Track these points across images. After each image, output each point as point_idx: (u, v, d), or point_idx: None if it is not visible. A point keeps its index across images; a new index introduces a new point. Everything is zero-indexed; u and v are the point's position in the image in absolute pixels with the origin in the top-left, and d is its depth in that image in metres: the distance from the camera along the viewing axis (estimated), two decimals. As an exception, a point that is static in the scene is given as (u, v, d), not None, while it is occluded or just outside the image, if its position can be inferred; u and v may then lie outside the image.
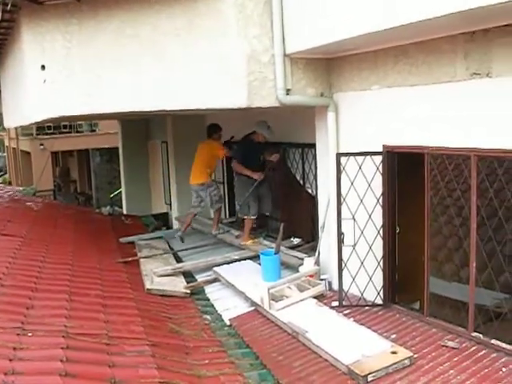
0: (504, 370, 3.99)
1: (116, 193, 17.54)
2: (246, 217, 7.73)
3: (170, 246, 8.80)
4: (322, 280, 5.93)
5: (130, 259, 7.53)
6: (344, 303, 5.51)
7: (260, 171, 7.50)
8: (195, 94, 5.66)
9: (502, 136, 4.11)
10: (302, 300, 5.57)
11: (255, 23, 5.49)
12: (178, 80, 5.65)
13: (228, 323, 5.49)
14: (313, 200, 6.98)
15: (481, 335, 4.48)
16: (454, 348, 4.40)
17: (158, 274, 6.76)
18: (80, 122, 23.83)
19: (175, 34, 5.61)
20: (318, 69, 5.83)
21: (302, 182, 7.64)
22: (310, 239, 7.32)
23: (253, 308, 5.73)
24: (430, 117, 4.74)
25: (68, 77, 5.75)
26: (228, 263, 7.09)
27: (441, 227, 5.12)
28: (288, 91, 5.62)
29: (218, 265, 7.04)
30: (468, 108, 4.38)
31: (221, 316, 5.68)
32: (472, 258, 4.46)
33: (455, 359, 4.22)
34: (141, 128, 13.27)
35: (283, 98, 5.57)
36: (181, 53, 5.65)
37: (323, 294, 5.80)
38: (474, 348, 4.38)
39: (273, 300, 5.47)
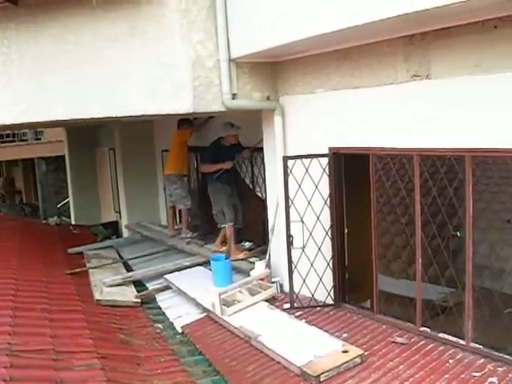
0: (451, 361, 4.11)
1: (63, 202, 17.14)
2: (223, 225, 7.41)
3: (119, 254, 8.66)
4: (273, 283, 5.95)
5: (78, 270, 7.37)
6: (295, 305, 5.54)
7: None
8: (140, 100, 5.57)
9: (442, 135, 4.22)
10: (253, 304, 5.57)
11: (199, 28, 5.47)
12: (121, 86, 5.56)
13: (180, 331, 5.43)
14: (263, 204, 7.00)
15: (428, 330, 4.60)
16: (403, 343, 4.49)
17: (108, 284, 6.63)
18: (24, 130, 23.10)
19: (118, 39, 5.52)
20: (263, 73, 5.85)
21: (251, 185, 7.65)
22: (261, 243, 7.31)
23: (205, 314, 5.69)
24: (373, 118, 4.82)
25: (7, 84, 5.60)
26: (179, 270, 7.03)
27: (389, 226, 5.23)
28: (234, 96, 5.61)
29: (169, 272, 6.97)
30: (410, 109, 4.47)
31: (173, 324, 5.61)
32: (417, 254, 4.58)
33: (404, 354, 4.31)
34: (88, 135, 12.98)
35: (229, 103, 5.57)
36: (124, 58, 5.56)
37: (275, 297, 5.82)
38: (422, 342, 4.48)
39: (224, 305, 5.45)
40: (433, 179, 4.49)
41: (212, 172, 7.39)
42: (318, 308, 5.48)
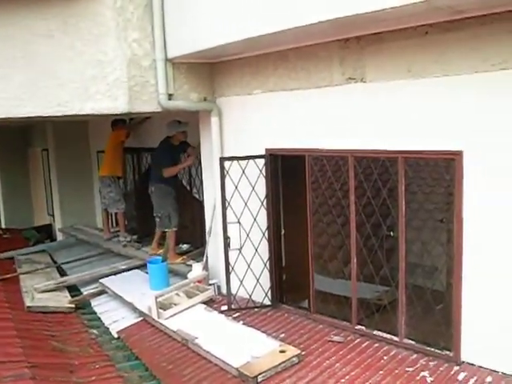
0: (385, 358, 4.23)
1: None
2: (167, 229, 7.16)
3: (53, 259, 8.37)
4: (210, 285, 5.91)
5: (8, 276, 7.08)
6: (233, 307, 5.53)
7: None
8: (73, 99, 5.38)
9: (376, 137, 4.32)
10: (191, 307, 5.51)
11: (135, 27, 5.38)
12: (54, 84, 5.35)
13: (116, 336, 5.30)
14: (200, 205, 6.94)
15: (364, 328, 4.70)
16: (339, 342, 4.57)
17: (40, 290, 6.39)
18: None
19: (50, 35, 5.32)
20: (200, 74, 5.81)
21: (188, 187, 7.58)
22: (199, 245, 7.26)
23: (141, 318, 5.58)
24: (309, 120, 4.88)
25: None
26: (115, 274, 6.87)
27: (325, 227, 5.30)
28: (170, 96, 5.55)
29: (105, 276, 6.80)
30: (345, 111, 4.55)
31: (108, 329, 5.47)
32: (352, 254, 4.66)
33: (341, 352, 4.39)
34: (19, 135, 12.55)
35: (165, 103, 5.49)
36: (57, 55, 5.36)
37: (212, 299, 5.79)
38: (358, 340, 4.58)
39: (161, 309, 5.37)
40: (368, 180, 4.59)
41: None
42: (256, 309, 5.49)
